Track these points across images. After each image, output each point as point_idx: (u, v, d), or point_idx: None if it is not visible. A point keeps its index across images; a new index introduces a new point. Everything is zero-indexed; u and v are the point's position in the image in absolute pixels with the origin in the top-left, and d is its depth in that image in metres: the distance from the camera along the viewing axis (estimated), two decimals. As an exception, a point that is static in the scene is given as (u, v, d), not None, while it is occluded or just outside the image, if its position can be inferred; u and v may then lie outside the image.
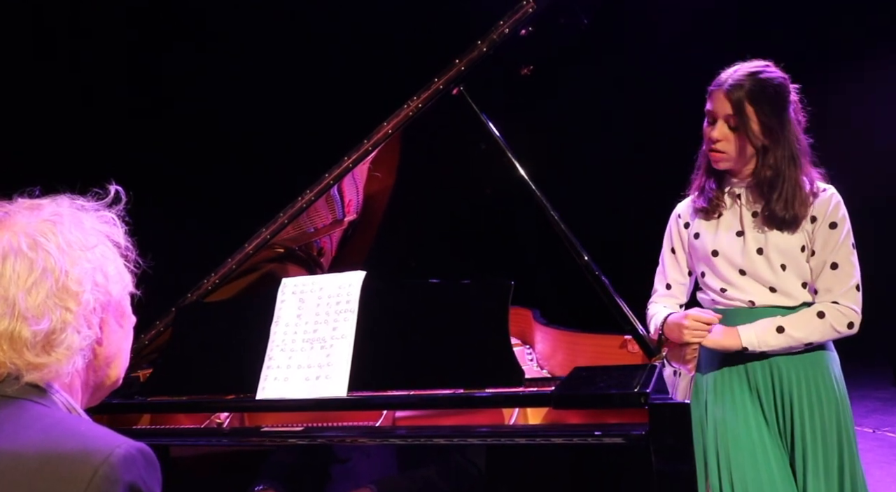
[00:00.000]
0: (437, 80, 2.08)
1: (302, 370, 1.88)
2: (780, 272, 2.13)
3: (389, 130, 2.17)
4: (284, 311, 2.00)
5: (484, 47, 2.03)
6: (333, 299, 1.97)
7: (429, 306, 1.87)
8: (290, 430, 1.71)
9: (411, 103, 2.11)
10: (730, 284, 2.19)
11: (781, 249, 2.12)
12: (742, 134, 2.10)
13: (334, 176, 2.26)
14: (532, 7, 1.98)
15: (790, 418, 2.09)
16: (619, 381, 1.63)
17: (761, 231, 2.15)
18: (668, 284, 2.34)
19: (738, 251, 2.17)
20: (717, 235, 2.22)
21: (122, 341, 1.21)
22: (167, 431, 1.94)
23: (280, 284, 3.50)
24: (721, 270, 2.19)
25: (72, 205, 1.18)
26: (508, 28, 2.00)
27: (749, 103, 2.08)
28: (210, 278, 2.31)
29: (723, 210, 2.21)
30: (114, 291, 1.17)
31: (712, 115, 2.15)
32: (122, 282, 1.20)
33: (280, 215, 2.31)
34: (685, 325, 2.08)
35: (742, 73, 2.13)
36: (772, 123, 2.10)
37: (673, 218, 2.36)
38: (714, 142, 2.13)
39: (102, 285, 1.13)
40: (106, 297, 1.15)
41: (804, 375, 2.11)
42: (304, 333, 1.94)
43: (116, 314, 1.19)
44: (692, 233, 2.28)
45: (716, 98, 2.14)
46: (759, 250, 2.14)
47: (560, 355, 2.52)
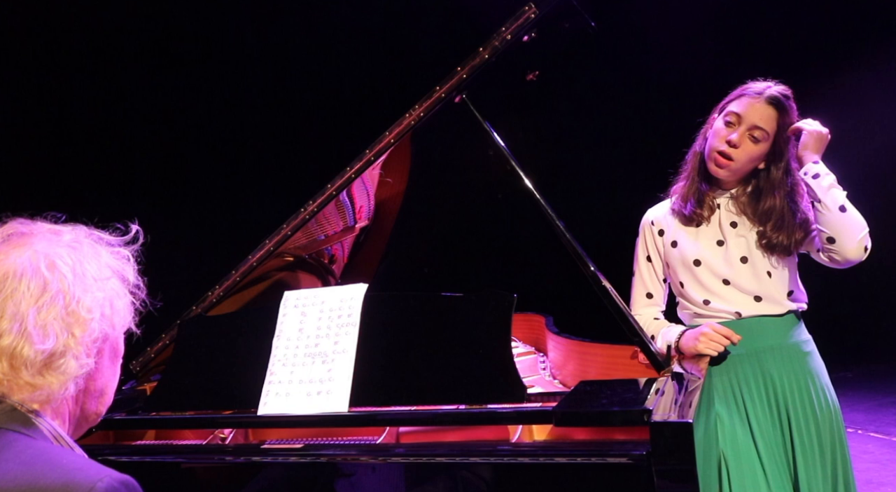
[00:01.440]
0: (438, 88, 2.05)
1: (303, 385, 1.86)
2: (765, 279, 2.09)
3: (392, 139, 2.15)
4: (286, 325, 1.98)
5: (486, 54, 2.00)
6: (335, 313, 1.95)
7: (430, 320, 1.84)
8: (290, 447, 1.69)
9: (413, 112, 2.09)
10: (713, 294, 2.14)
11: (767, 252, 2.07)
12: (759, 148, 2.07)
13: (337, 186, 2.24)
14: (534, 12, 1.95)
15: (788, 430, 2.04)
16: (622, 397, 1.59)
17: (743, 238, 2.11)
18: (648, 293, 2.29)
19: (720, 260, 2.12)
20: (697, 244, 2.16)
21: (111, 377, 1.21)
22: (168, 448, 1.92)
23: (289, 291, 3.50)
24: (704, 280, 2.14)
25: (90, 236, 1.19)
26: (511, 34, 1.97)
27: (779, 122, 2.06)
28: (215, 291, 2.30)
29: (703, 219, 2.16)
30: (117, 325, 1.18)
31: (738, 119, 2.09)
32: (125, 319, 1.20)
33: (283, 227, 2.29)
34: (705, 333, 2.01)
35: (778, 91, 2.10)
36: (782, 152, 2.07)
37: (645, 225, 2.31)
38: (730, 146, 2.07)
39: (109, 317, 1.14)
40: (109, 329, 1.15)
41: (797, 385, 2.06)
42: (305, 348, 1.92)
43: (111, 350, 1.20)
44: (668, 241, 2.23)
45: (748, 105, 2.08)
46: (744, 259, 2.10)
47: (571, 365, 2.48)
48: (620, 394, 1.62)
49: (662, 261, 2.25)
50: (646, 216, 2.30)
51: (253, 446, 1.73)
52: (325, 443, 1.72)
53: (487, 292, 1.84)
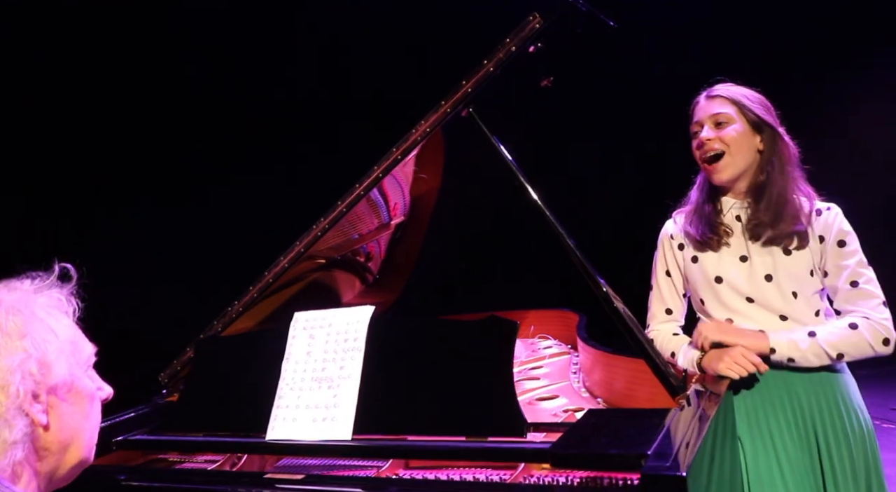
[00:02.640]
0: (444, 103, 2.00)
1: (310, 411, 1.86)
2: (790, 300, 1.97)
3: (399, 155, 2.10)
4: (295, 347, 1.98)
5: (491, 67, 1.93)
6: (342, 336, 1.94)
7: (432, 346, 1.80)
8: (291, 477, 1.69)
9: (419, 128, 2.04)
10: (736, 313, 2.03)
11: (791, 274, 1.96)
12: (736, 128, 2.00)
13: (347, 204, 2.21)
14: (539, 23, 1.86)
15: (818, 455, 1.93)
16: (625, 434, 1.53)
17: (768, 255, 1.99)
18: (668, 308, 2.19)
19: (743, 278, 2.01)
20: (719, 261, 2.06)
21: (80, 421, 1.19)
22: (168, 473, 1.94)
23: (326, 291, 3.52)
24: (726, 298, 2.04)
25: (12, 289, 1.18)
26: (515, 46, 1.89)
27: (737, 98, 2.03)
28: (234, 306, 2.32)
29: (719, 243, 2.05)
30: (58, 374, 1.15)
31: (698, 126, 2.07)
32: (69, 361, 1.17)
33: (296, 244, 2.28)
34: (731, 354, 1.91)
35: (720, 85, 2.08)
36: (762, 118, 2.00)
37: (664, 238, 2.21)
38: (704, 144, 2.02)
39: (36, 374, 1.11)
40: (45, 383, 1.13)
41: (826, 407, 1.95)
42: (312, 372, 1.92)
43: (69, 395, 1.17)
44: (689, 256, 2.12)
45: (698, 110, 2.08)
46: (768, 277, 1.98)
47: (597, 374, 2.42)
48: (624, 430, 1.56)
49: (682, 275, 2.15)
50: (664, 229, 2.20)
51: (256, 474, 1.75)
52: (326, 475, 1.71)
53: (490, 319, 1.79)
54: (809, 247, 1.97)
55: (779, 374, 1.97)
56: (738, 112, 1.99)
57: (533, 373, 2.84)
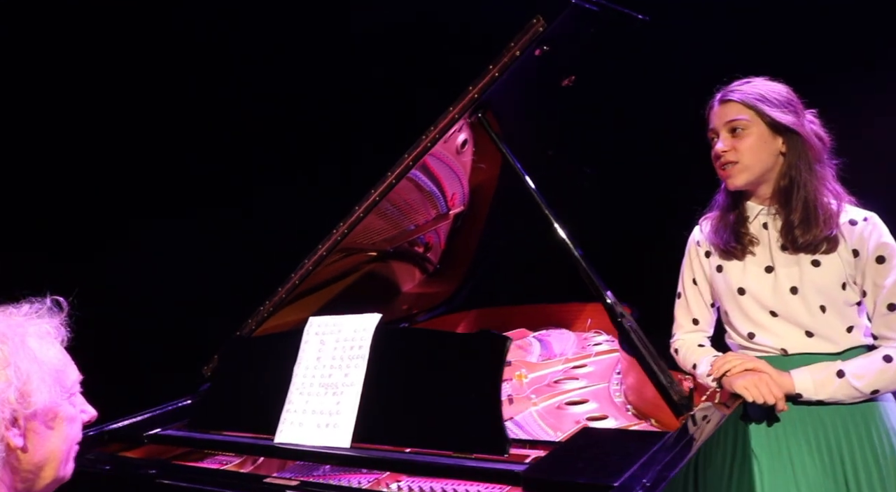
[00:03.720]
0: (451, 109, 1.97)
1: (315, 416, 1.91)
2: (818, 315, 1.82)
3: (410, 161, 2.09)
4: (306, 352, 2.03)
5: (496, 72, 1.88)
6: (348, 343, 1.96)
7: (424, 359, 1.80)
8: (286, 484, 1.74)
9: (428, 134, 2.03)
10: (759, 326, 1.90)
11: (819, 287, 1.80)
12: (753, 134, 1.83)
13: (364, 208, 2.22)
14: (542, 25, 1.79)
15: (845, 485, 1.80)
16: (601, 462, 1.48)
17: (795, 266, 1.84)
18: (694, 319, 2.07)
19: (768, 290, 1.87)
20: (743, 271, 1.92)
21: (56, 444, 1.27)
22: (173, 468, 2.00)
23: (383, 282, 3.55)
24: (749, 310, 1.91)
25: (7, 315, 1.27)
26: (520, 50, 1.83)
27: (752, 101, 1.85)
28: (265, 305, 2.39)
29: (744, 252, 1.92)
30: (38, 401, 1.23)
31: (714, 133, 1.92)
32: (51, 389, 1.25)
33: (319, 247, 2.31)
34: (756, 377, 1.79)
35: (736, 83, 1.91)
36: (780, 121, 1.81)
37: (691, 245, 2.08)
38: (720, 155, 1.88)
39: (14, 402, 1.20)
40: (23, 410, 1.21)
41: (855, 430, 1.80)
42: (321, 377, 1.96)
43: (47, 420, 1.26)
44: (714, 265, 1.99)
45: (712, 116, 1.93)
46: (794, 289, 1.83)
47: (631, 378, 2.34)
48: (605, 456, 1.51)
49: (708, 284, 2.04)
50: (692, 236, 2.09)
51: (256, 476, 1.81)
52: (320, 482, 1.76)
53: (482, 334, 1.77)
54: (840, 257, 1.81)
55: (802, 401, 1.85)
56: (755, 116, 1.84)
57: (575, 372, 2.79)
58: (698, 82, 1.99)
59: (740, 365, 1.83)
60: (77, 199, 3.52)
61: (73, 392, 1.33)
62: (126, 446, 2.13)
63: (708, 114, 1.96)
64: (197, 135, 3.68)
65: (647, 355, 1.78)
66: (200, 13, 3.53)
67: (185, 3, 3.55)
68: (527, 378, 2.79)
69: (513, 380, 2.73)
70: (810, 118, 1.88)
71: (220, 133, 3.70)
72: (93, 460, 2.01)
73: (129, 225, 3.59)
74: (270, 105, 3.79)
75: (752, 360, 1.84)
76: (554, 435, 2.06)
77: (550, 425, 2.17)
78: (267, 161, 3.82)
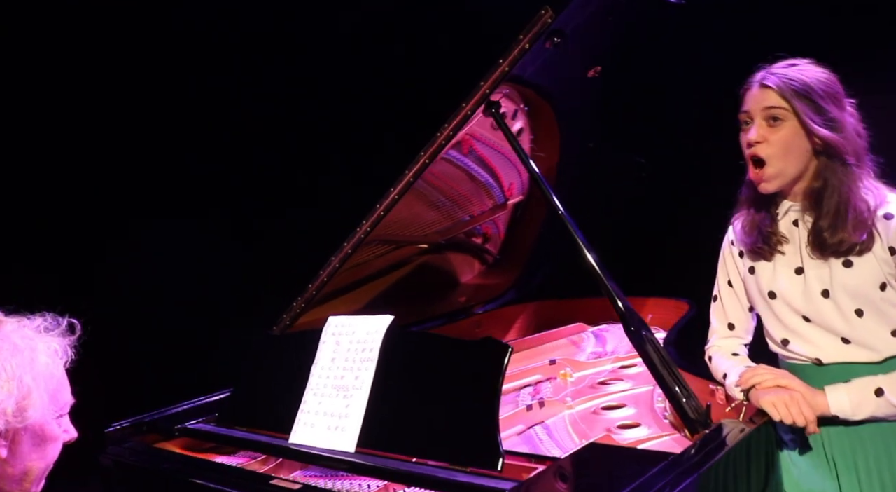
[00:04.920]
0: (464, 105, 1.90)
1: (326, 418, 1.90)
2: (854, 320, 1.64)
3: (426, 160, 2.04)
4: (323, 353, 2.02)
5: (506, 66, 1.80)
6: (360, 345, 1.94)
7: (428, 365, 1.76)
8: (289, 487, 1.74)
9: (443, 131, 1.97)
10: (793, 333, 1.73)
11: (851, 290, 1.63)
12: (788, 128, 1.65)
13: (385, 206, 2.18)
14: (551, 16, 1.70)
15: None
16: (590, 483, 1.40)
17: (825, 268, 1.66)
18: (730, 323, 1.91)
19: (798, 293, 1.71)
20: (773, 273, 1.76)
21: (36, 460, 1.33)
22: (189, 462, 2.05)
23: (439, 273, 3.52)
24: (781, 315, 1.74)
25: (22, 326, 1.31)
26: (529, 43, 1.74)
27: (794, 92, 1.66)
28: (297, 301, 2.40)
29: (772, 252, 1.75)
30: (32, 417, 1.27)
31: (747, 116, 1.74)
32: (44, 409, 1.30)
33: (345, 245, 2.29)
34: (787, 393, 1.65)
35: (780, 65, 1.72)
36: (822, 117, 1.63)
37: (725, 244, 1.91)
38: (751, 146, 1.70)
39: (10, 415, 1.24)
40: (14, 424, 1.26)
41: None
42: (334, 379, 1.95)
43: (34, 436, 1.31)
44: (747, 266, 1.83)
45: (749, 98, 1.74)
46: (825, 293, 1.66)
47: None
48: (598, 477, 1.43)
49: (744, 286, 1.88)
50: (727, 234, 1.93)
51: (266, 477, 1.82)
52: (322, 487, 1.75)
53: (484, 341, 1.71)
54: (876, 256, 1.63)
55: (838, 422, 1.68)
56: (799, 104, 1.66)
57: (622, 372, 2.68)
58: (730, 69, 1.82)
59: (771, 380, 1.68)
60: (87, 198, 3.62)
61: (63, 413, 1.37)
62: (161, 437, 2.20)
63: (744, 93, 1.79)
64: (196, 134, 3.74)
65: (661, 366, 1.67)
66: (200, 13, 3.56)
67: (186, 4, 3.59)
68: (572, 377, 2.70)
69: (557, 379, 2.65)
70: (850, 110, 1.70)
71: (221, 133, 3.75)
72: (130, 448, 2.10)
73: (152, 224, 3.68)
74: (300, 94, 3.79)
75: (785, 376, 1.69)
76: (578, 443, 1.98)
77: (578, 432, 2.09)
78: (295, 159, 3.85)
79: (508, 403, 2.39)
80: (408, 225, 3.00)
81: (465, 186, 3.01)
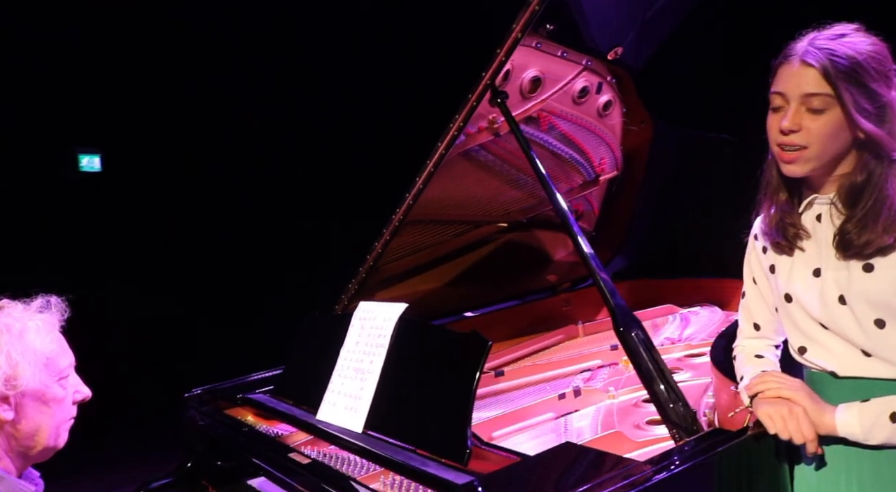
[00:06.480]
0: (470, 96, 1.90)
1: (345, 398, 2.01)
2: (872, 331, 1.44)
3: (443, 150, 2.06)
4: (350, 336, 2.12)
5: (503, 56, 1.78)
6: (377, 331, 2.02)
7: (418, 354, 1.83)
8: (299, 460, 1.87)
9: (454, 123, 1.97)
10: (812, 340, 1.55)
11: (870, 297, 1.43)
12: (831, 118, 1.44)
13: (408, 203, 2.22)
14: (538, 4, 1.65)
15: None
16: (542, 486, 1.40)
17: (844, 271, 1.47)
18: (755, 323, 1.75)
19: (815, 298, 1.52)
20: (791, 273, 1.58)
21: (44, 419, 1.53)
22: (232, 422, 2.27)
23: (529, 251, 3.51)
24: (798, 321, 1.56)
25: (8, 316, 1.53)
26: (521, 32, 1.71)
27: (840, 73, 1.41)
28: (351, 284, 2.51)
29: (792, 248, 1.57)
30: (26, 384, 1.48)
31: (781, 98, 1.49)
32: (41, 374, 1.50)
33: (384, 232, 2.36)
34: (788, 407, 1.51)
35: (825, 36, 1.45)
36: (871, 104, 1.41)
37: (751, 239, 1.73)
38: (785, 133, 1.47)
39: (1, 384, 1.46)
40: (11, 391, 1.47)
41: None
42: (355, 362, 2.05)
43: (35, 399, 1.51)
44: (768, 264, 1.66)
45: (787, 77, 1.48)
46: (842, 299, 1.48)
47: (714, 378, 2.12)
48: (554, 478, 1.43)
49: (768, 284, 1.73)
50: (753, 228, 1.76)
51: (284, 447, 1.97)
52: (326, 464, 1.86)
53: (467, 334, 1.73)
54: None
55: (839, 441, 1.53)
56: (845, 90, 1.43)
57: (688, 362, 2.58)
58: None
59: (775, 389, 1.56)
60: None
61: (64, 375, 1.57)
62: (228, 404, 2.43)
63: (778, 67, 1.54)
64: (197, 133, 3.90)
65: (651, 367, 1.61)
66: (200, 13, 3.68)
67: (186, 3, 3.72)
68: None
69: (619, 365, 2.59)
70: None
71: (221, 133, 3.88)
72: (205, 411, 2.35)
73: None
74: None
75: (793, 387, 1.54)
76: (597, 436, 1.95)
77: (606, 425, 2.05)
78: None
79: (558, 387, 2.38)
80: (484, 204, 3.02)
81: (548, 163, 2.95)
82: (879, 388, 1.49)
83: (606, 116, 2.99)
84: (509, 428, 2.08)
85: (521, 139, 1.96)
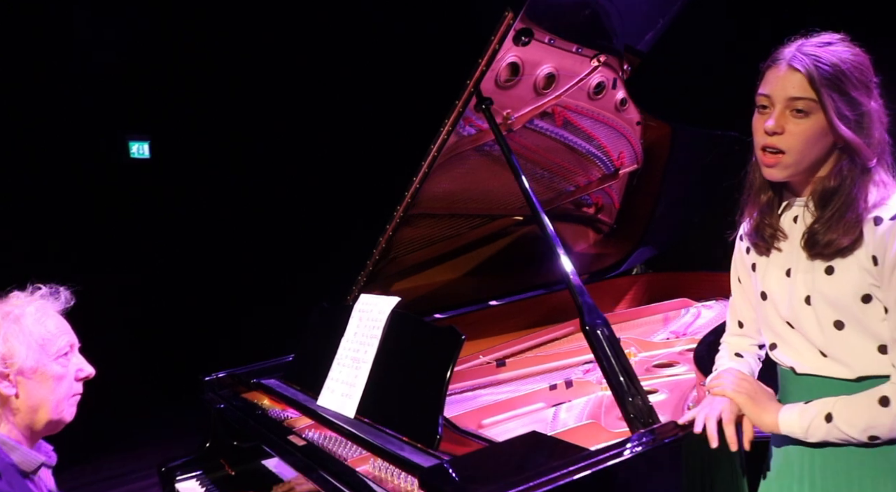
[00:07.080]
0: (457, 103, 1.99)
1: (341, 386, 2.14)
2: (831, 332, 1.48)
3: (435, 152, 2.15)
4: (350, 326, 2.25)
5: (483, 66, 1.87)
6: (372, 323, 2.14)
7: (401, 345, 1.95)
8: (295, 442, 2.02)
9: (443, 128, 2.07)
10: (780, 338, 1.60)
11: (830, 299, 1.47)
12: (814, 122, 1.49)
13: (407, 201, 2.32)
14: (511, 18, 1.74)
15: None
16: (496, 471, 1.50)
17: (811, 272, 1.52)
18: (739, 321, 1.80)
19: (784, 297, 1.57)
20: (766, 272, 1.63)
21: (45, 394, 1.68)
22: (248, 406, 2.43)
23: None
24: (770, 318, 1.62)
25: (7, 304, 1.70)
26: (498, 44, 1.80)
27: (824, 80, 1.46)
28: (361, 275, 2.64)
29: (777, 241, 1.61)
30: (28, 362, 1.65)
31: (767, 100, 1.53)
32: (37, 354, 1.66)
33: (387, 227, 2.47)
34: (724, 412, 1.61)
35: (813, 43, 1.50)
36: (851, 111, 1.45)
37: (738, 240, 1.77)
38: (769, 135, 1.52)
39: (5, 360, 1.63)
40: (7, 369, 1.64)
41: (859, 481, 1.49)
42: (352, 351, 2.18)
43: (32, 376, 1.67)
44: (750, 262, 1.71)
45: (774, 79, 1.52)
46: (808, 299, 1.52)
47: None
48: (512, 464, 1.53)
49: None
50: (740, 229, 1.81)
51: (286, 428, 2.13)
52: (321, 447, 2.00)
53: (443, 328, 1.83)
54: (859, 263, 1.47)
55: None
56: (829, 96, 1.48)
57: (689, 355, 2.61)
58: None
59: (721, 389, 1.64)
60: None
61: (63, 354, 1.72)
62: (244, 388, 2.60)
63: (766, 70, 1.59)
64: (197, 132, 4.01)
65: (613, 362, 1.69)
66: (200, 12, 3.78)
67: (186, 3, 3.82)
68: (636, 357, 2.70)
69: (621, 358, 2.66)
70: (875, 94, 1.50)
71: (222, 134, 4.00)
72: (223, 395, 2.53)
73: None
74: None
75: (735, 388, 1.62)
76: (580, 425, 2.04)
77: (589, 415, 2.14)
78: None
79: (552, 379, 2.47)
80: (499, 197, 3.09)
81: (564, 157, 3.04)
82: (834, 387, 1.54)
83: (624, 111, 3.03)
84: (500, 416, 2.19)
85: (504, 145, 2.04)
